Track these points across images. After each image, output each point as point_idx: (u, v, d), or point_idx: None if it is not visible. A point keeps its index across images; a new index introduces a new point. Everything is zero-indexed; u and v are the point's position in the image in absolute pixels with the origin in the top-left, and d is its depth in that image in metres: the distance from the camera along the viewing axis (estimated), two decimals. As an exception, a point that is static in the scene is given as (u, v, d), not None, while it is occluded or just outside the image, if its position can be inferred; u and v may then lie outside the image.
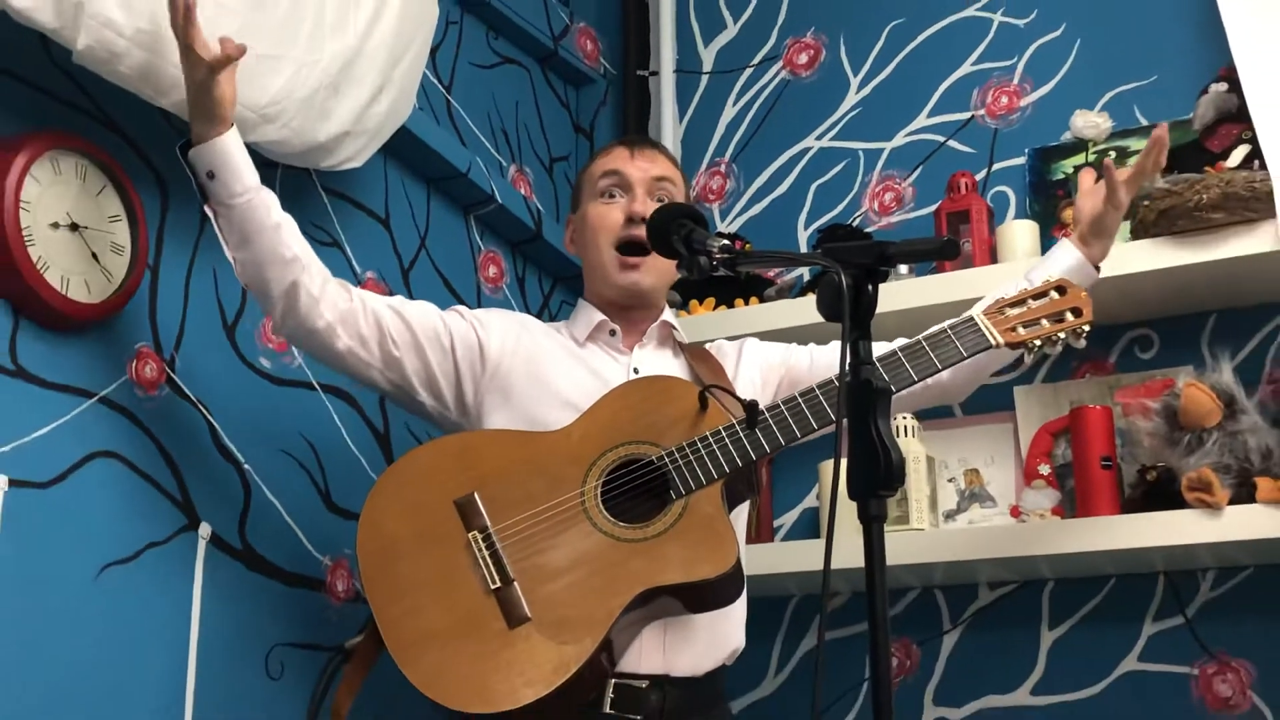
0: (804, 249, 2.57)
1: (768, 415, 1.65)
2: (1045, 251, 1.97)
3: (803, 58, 2.69)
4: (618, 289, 1.82)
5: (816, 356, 1.88)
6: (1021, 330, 1.70)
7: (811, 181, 2.61)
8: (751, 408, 1.62)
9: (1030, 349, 1.70)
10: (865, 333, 1.26)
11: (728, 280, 2.39)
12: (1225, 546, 1.95)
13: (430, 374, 1.77)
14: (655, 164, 1.86)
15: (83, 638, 1.59)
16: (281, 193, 1.69)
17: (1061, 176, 2.33)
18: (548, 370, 1.78)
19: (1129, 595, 2.17)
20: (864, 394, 1.22)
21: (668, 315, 1.88)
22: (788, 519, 2.46)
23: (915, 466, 2.15)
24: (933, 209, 2.40)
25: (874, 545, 1.20)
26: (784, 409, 1.66)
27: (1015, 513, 2.19)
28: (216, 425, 1.82)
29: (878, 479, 1.19)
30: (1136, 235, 2.08)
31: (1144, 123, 2.30)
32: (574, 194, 1.95)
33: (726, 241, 1.50)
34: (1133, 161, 1.87)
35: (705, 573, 1.58)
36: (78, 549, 1.60)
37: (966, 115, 2.50)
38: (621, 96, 2.83)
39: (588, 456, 1.65)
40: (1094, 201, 1.83)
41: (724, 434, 1.64)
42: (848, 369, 1.23)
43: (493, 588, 1.59)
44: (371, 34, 1.91)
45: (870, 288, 1.26)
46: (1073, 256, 1.84)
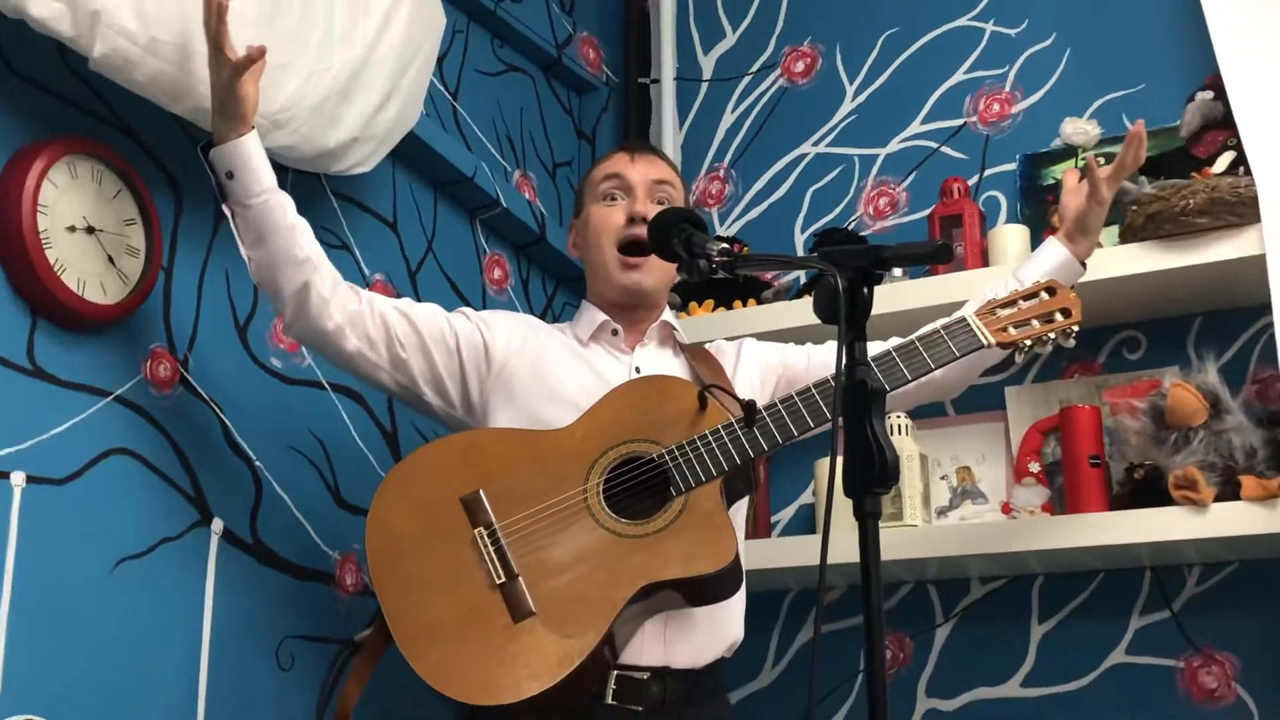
0: (800, 252, 2.56)
1: (765, 414, 1.65)
2: (1035, 255, 1.96)
3: (799, 66, 2.69)
4: (620, 289, 1.82)
5: (813, 356, 1.88)
6: (1012, 330, 1.70)
7: (808, 186, 2.61)
8: (750, 407, 1.63)
9: (1021, 348, 1.70)
10: (860, 334, 1.26)
11: (726, 282, 2.39)
12: (1210, 543, 1.96)
13: (436, 374, 1.78)
14: (655, 168, 1.86)
15: (99, 630, 1.60)
16: (292, 197, 1.68)
17: (1051, 182, 2.32)
18: (551, 370, 1.78)
19: (1116, 590, 2.18)
20: (859, 395, 1.23)
21: (668, 316, 1.88)
22: (784, 515, 2.46)
23: (909, 464, 2.14)
24: (926, 213, 2.41)
25: (869, 541, 1.21)
26: (781, 408, 1.66)
27: (1006, 509, 2.20)
28: (229, 423, 1.83)
29: (873, 477, 1.20)
30: (1124, 239, 2.08)
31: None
32: (576, 199, 1.95)
33: (725, 245, 1.50)
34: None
35: (705, 567, 1.59)
36: (94, 544, 1.62)
37: (959, 122, 2.50)
38: (623, 103, 2.82)
39: (590, 454, 1.66)
40: (1078, 199, 1.83)
41: (723, 432, 1.64)
42: (843, 370, 1.23)
43: (498, 583, 1.59)
44: (380, 42, 1.92)
45: (866, 290, 1.27)
46: (1060, 254, 1.84)
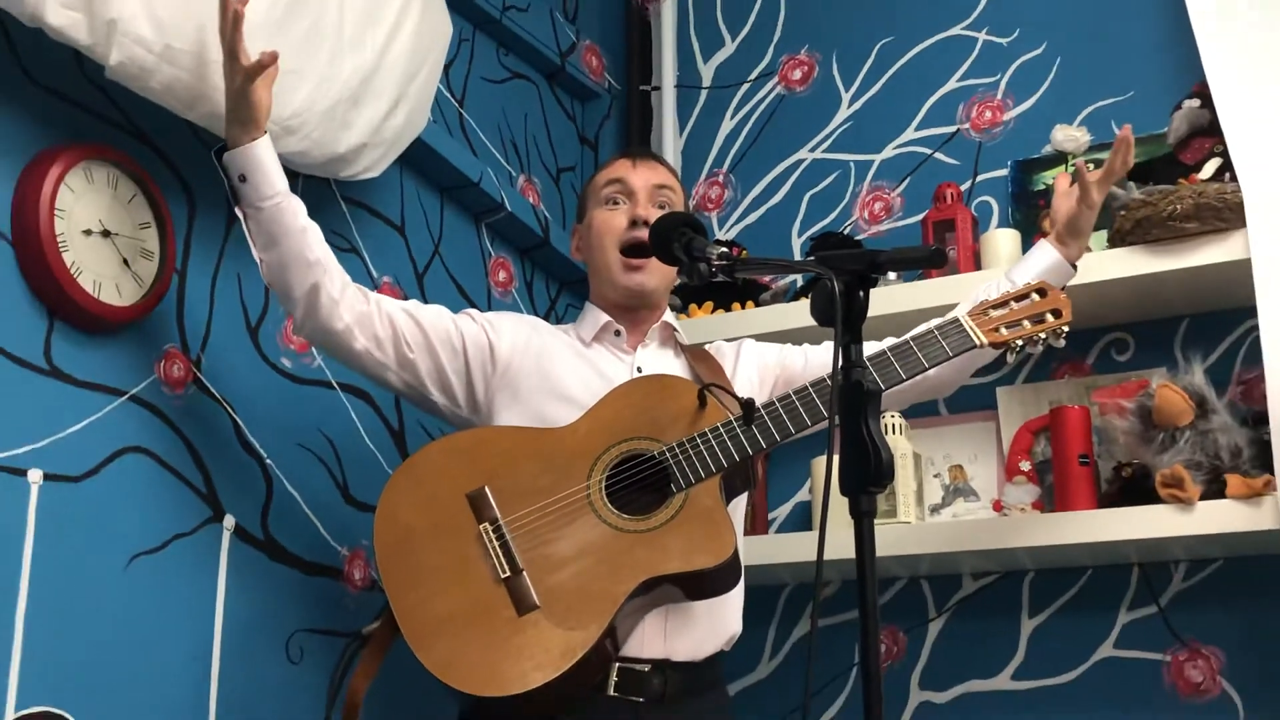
0: (798, 256, 2.58)
1: (764, 413, 1.66)
2: (1027, 259, 1.97)
3: (797, 74, 2.70)
4: (622, 290, 1.83)
5: (811, 356, 1.89)
6: (1004, 331, 1.71)
7: (805, 191, 2.63)
8: (749, 405, 1.65)
9: (1012, 348, 1.71)
10: (856, 336, 1.28)
11: (726, 285, 2.40)
12: (1196, 540, 1.98)
13: (442, 374, 1.79)
14: (656, 173, 1.88)
15: (114, 623, 1.63)
16: (303, 201, 1.69)
17: (1042, 187, 2.34)
18: (555, 369, 1.80)
19: (1105, 586, 2.20)
20: (855, 395, 1.25)
21: (669, 317, 1.89)
22: (782, 512, 2.48)
23: (903, 462, 2.16)
24: (920, 218, 2.42)
25: (864, 538, 1.23)
26: (779, 407, 1.67)
27: (997, 507, 2.20)
28: (240, 422, 1.85)
29: (868, 476, 1.23)
30: (1113, 243, 2.09)
31: (1121, 136, 2.34)
32: (579, 204, 1.97)
33: (724, 249, 1.52)
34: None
35: (704, 562, 1.60)
36: (109, 540, 1.64)
37: (952, 129, 2.51)
38: (625, 110, 2.84)
39: (593, 451, 1.68)
40: (1069, 203, 1.85)
41: (722, 430, 1.65)
42: (840, 372, 1.25)
43: (503, 577, 1.61)
44: (389, 50, 1.93)
45: (861, 293, 1.29)
46: (1051, 256, 1.86)
